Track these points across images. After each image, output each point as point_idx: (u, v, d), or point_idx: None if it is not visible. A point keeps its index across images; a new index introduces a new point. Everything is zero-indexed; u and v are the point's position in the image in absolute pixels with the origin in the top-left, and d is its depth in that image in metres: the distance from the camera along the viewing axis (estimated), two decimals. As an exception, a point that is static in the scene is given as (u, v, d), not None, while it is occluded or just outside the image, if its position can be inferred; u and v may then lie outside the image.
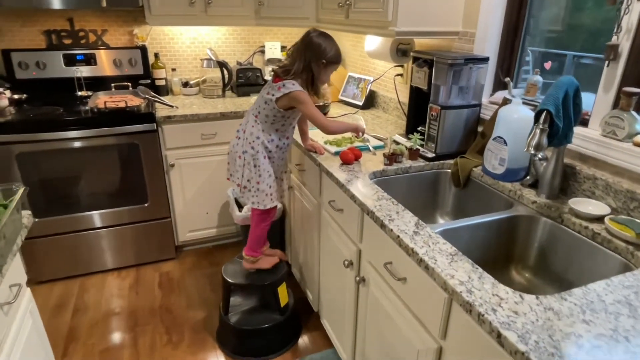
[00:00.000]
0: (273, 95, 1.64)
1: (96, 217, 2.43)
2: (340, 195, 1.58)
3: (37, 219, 2.30)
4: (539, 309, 0.86)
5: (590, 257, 1.20)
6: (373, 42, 2.22)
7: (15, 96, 2.49)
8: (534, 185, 1.45)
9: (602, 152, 1.32)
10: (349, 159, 1.66)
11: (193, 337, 2.08)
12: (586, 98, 1.54)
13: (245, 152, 1.72)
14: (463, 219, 1.33)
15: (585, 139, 1.37)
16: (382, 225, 1.24)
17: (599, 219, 1.23)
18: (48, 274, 2.45)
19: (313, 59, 1.62)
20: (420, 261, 1.06)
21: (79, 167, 2.31)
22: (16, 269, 1.18)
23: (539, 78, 1.60)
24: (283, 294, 1.95)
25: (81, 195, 2.37)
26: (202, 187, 2.63)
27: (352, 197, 1.42)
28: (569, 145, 1.41)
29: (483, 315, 0.85)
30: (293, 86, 1.60)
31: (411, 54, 1.81)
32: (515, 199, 1.45)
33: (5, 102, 2.41)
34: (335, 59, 1.65)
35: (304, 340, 2.08)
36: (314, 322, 2.16)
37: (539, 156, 1.40)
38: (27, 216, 1.25)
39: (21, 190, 1.12)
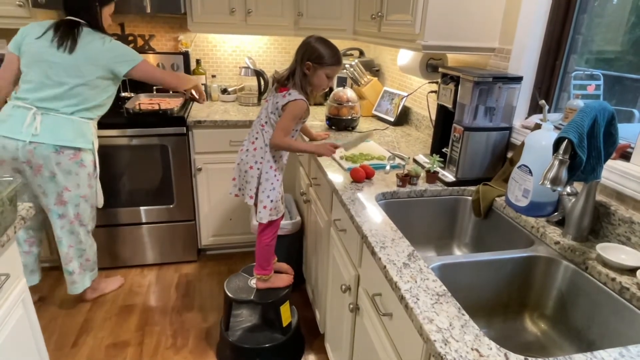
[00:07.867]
0: (277, 102, 1.65)
1: (124, 213, 2.51)
2: (344, 215, 1.48)
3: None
4: (522, 374, 0.72)
5: (615, 315, 1.02)
6: (405, 56, 2.11)
7: (66, 94, 2.66)
8: (562, 223, 1.27)
9: (645, 192, 1.13)
10: (360, 176, 1.56)
11: (196, 344, 2.06)
12: (634, 128, 1.35)
13: (256, 162, 1.72)
14: (468, 255, 1.19)
15: (625, 175, 1.17)
16: (373, 253, 1.13)
17: (631, 271, 1.04)
18: (77, 264, 2.56)
19: (305, 63, 1.61)
20: (401, 298, 0.94)
21: (112, 164, 2.40)
22: (7, 259, 1.21)
23: (579, 102, 1.41)
24: (286, 313, 1.87)
25: (112, 191, 2.45)
26: (227, 192, 2.63)
27: (351, 217, 1.32)
28: (605, 181, 1.22)
29: (450, 373, 0.73)
30: (298, 95, 1.62)
31: (440, 69, 1.68)
32: (537, 236, 1.27)
33: (56, 99, 2.57)
34: (323, 60, 1.59)
35: (306, 362, 1.99)
36: (319, 344, 2.05)
37: (567, 191, 1.22)
38: (27, 208, 1.28)
39: (14, 184, 1.15)
